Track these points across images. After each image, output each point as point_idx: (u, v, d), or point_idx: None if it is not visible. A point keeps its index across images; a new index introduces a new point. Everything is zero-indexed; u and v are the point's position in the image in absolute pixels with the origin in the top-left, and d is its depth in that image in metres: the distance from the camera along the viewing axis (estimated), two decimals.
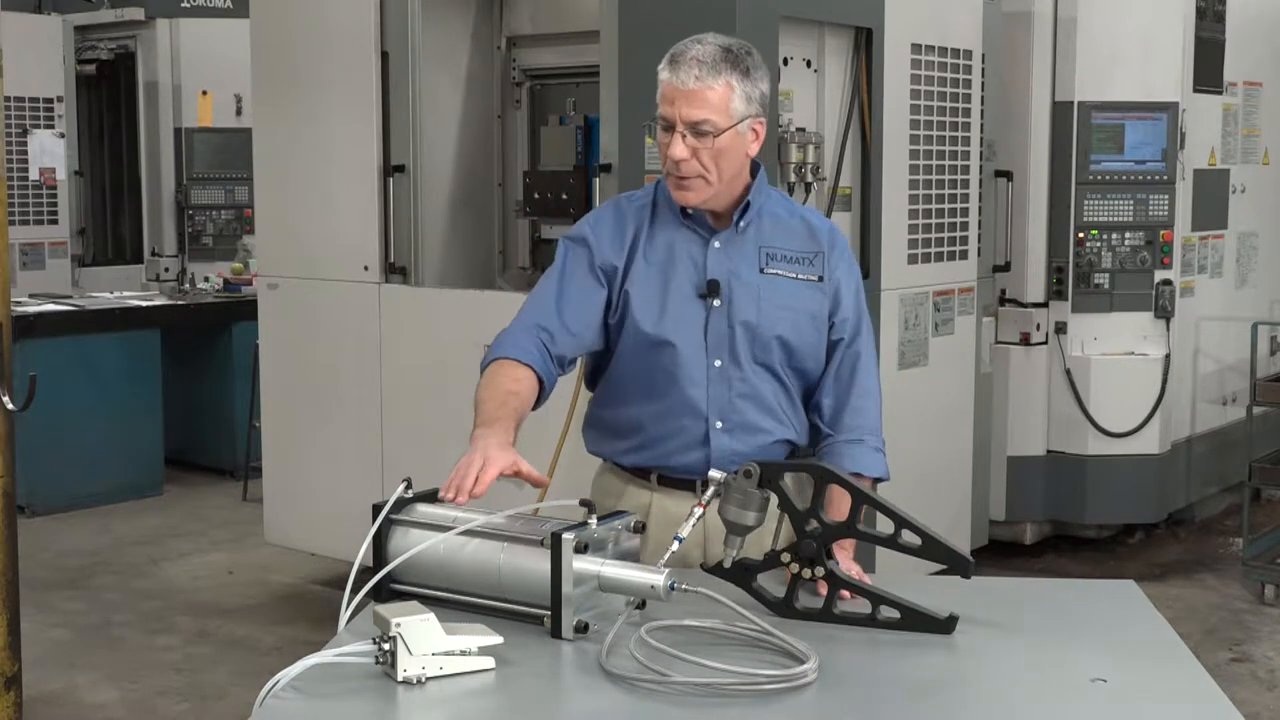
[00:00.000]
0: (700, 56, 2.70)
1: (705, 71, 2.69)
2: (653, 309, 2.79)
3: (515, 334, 2.78)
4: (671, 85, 2.71)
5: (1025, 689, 2.24)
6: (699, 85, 2.69)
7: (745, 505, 2.44)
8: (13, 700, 4.29)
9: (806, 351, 2.86)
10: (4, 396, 4.12)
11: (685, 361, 2.79)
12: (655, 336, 2.79)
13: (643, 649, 2.21)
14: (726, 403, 2.81)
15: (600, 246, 2.82)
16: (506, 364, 2.74)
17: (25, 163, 9.60)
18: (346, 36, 5.68)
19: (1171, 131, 6.65)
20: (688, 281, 2.80)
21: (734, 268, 2.81)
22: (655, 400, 2.81)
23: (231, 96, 9.61)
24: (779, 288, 2.82)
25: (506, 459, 2.50)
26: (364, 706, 2.12)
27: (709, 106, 2.69)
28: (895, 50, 5.36)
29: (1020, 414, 6.70)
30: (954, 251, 5.82)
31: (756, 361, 2.82)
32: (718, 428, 2.81)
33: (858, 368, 2.90)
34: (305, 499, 5.97)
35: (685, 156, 2.70)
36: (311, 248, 5.88)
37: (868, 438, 2.88)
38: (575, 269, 2.83)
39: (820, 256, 2.87)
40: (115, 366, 7.85)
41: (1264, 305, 7.71)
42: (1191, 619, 5.94)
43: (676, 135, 2.70)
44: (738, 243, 2.83)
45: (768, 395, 2.84)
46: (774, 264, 2.84)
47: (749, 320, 2.80)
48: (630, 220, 2.85)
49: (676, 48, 2.74)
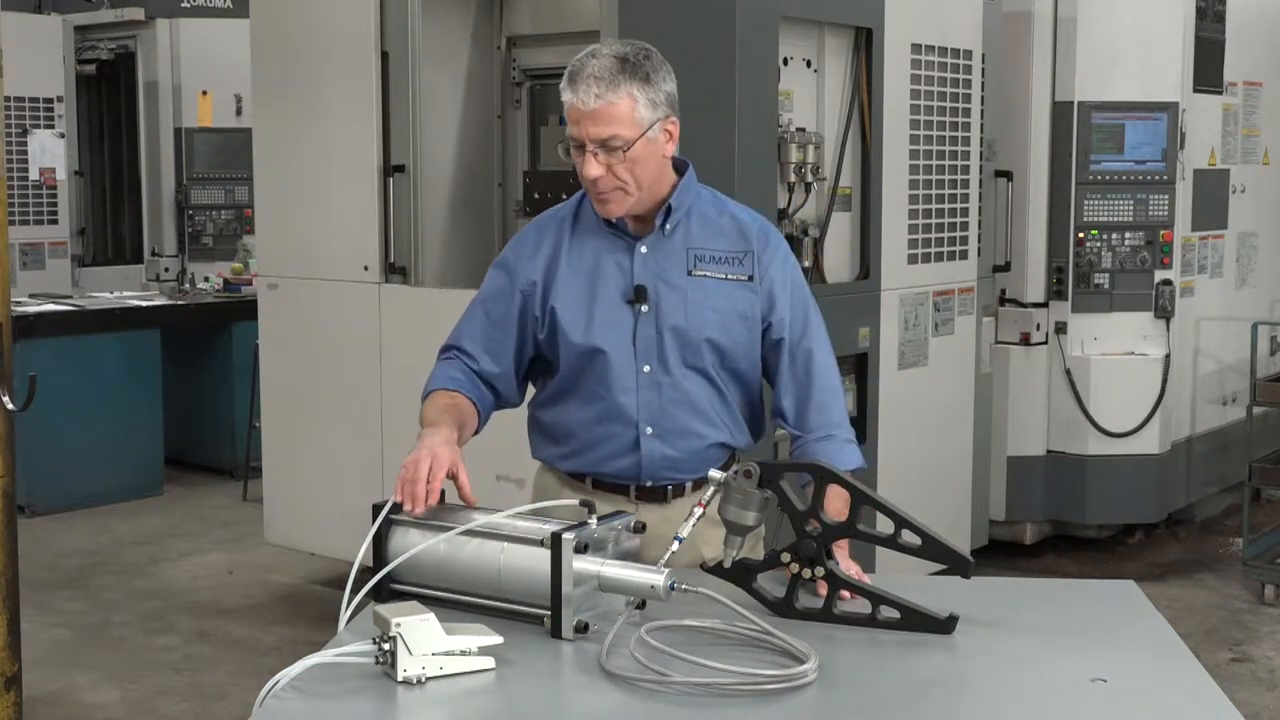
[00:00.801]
0: (597, 72, 2.67)
1: (604, 88, 2.66)
2: (580, 319, 2.80)
3: (440, 368, 2.90)
4: (574, 106, 2.68)
5: (1025, 689, 2.24)
6: (600, 103, 2.66)
7: (745, 505, 2.44)
8: (13, 700, 4.29)
9: (739, 353, 2.84)
10: (4, 396, 4.12)
11: (615, 368, 2.79)
12: (584, 345, 2.79)
13: (643, 649, 2.21)
14: (657, 408, 2.80)
15: (519, 266, 2.86)
16: (435, 395, 2.84)
17: (25, 163, 9.60)
18: (346, 36, 5.68)
19: (1171, 131, 6.65)
20: (615, 289, 2.80)
21: (661, 272, 2.80)
22: (586, 406, 2.82)
23: (231, 96, 9.61)
24: (707, 289, 2.81)
25: (452, 455, 2.59)
26: (364, 706, 2.12)
27: (615, 122, 2.67)
28: (895, 50, 5.36)
29: (1020, 414, 6.70)
30: (954, 251, 5.82)
31: (687, 365, 2.81)
32: (648, 433, 2.81)
33: (813, 364, 2.87)
34: (305, 499, 5.96)
35: (600, 174, 2.69)
36: (311, 248, 5.88)
37: (836, 432, 2.87)
38: (493, 291, 2.89)
39: (750, 255, 2.84)
40: (115, 366, 7.85)
41: (1264, 305, 7.71)
42: (1191, 619, 5.94)
43: (588, 154, 2.69)
44: (665, 246, 2.82)
45: (700, 399, 2.83)
46: (702, 265, 2.82)
47: (677, 325, 2.79)
48: (549, 234, 2.86)
49: (574, 65, 2.71)
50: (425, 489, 2.51)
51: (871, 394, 5.32)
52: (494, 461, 5.14)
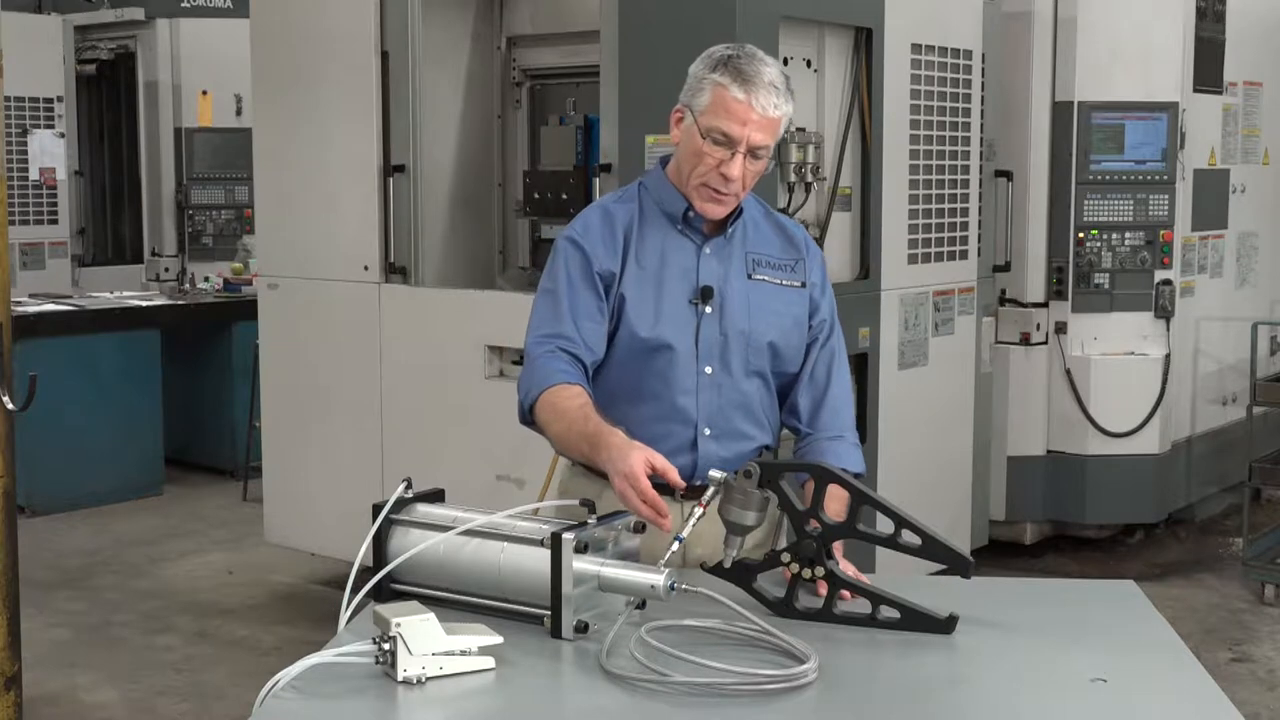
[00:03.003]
0: (774, 81, 2.67)
1: (780, 99, 2.67)
2: (648, 313, 2.78)
3: (544, 362, 2.73)
4: (744, 106, 2.65)
5: (1025, 689, 2.24)
6: (777, 113, 2.67)
7: (745, 505, 2.44)
8: (13, 700, 4.29)
9: (789, 356, 2.87)
10: (4, 396, 4.12)
11: (679, 367, 2.77)
12: (652, 340, 2.77)
13: (643, 649, 2.21)
14: (716, 410, 2.80)
15: (595, 253, 2.78)
16: (553, 391, 2.69)
17: (25, 163, 9.60)
18: (346, 36, 5.68)
19: (1171, 131, 6.65)
20: (680, 288, 2.79)
21: (724, 274, 2.81)
22: (643, 405, 2.79)
23: (231, 96, 9.61)
24: (766, 293, 2.83)
25: (648, 454, 2.48)
26: (364, 706, 2.12)
27: (774, 132, 2.70)
28: (895, 50, 5.36)
29: (1020, 414, 6.70)
30: (954, 251, 5.82)
31: (750, 370, 2.82)
32: (706, 434, 2.80)
33: (833, 366, 2.90)
34: (305, 499, 5.96)
35: (739, 175, 2.69)
36: (311, 248, 5.88)
37: (846, 434, 2.89)
38: (577, 278, 2.77)
39: (801, 263, 2.88)
40: (115, 366, 7.85)
41: (1264, 305, 7.71)
42: (1191, 619, 5.94)
43: (738, 156, 2.67)
44: (726, 249, 2.83)
45: (754, 402, 2.84)
46: (760, 270, 2.84)
47: (744, 328, 2.80)
48: (619, 224, 2.82)
49: (741, 63, 2.66)
50: (652, 499, 2.43)
51: (871, 394, 5.32)
52: (494, 461, 5.15)
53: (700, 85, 2.70)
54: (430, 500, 2.61)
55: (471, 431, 5.27)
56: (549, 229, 5.73)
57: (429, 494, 2.62)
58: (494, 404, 5.14)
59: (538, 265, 5.90)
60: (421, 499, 2.60)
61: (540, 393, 2.70)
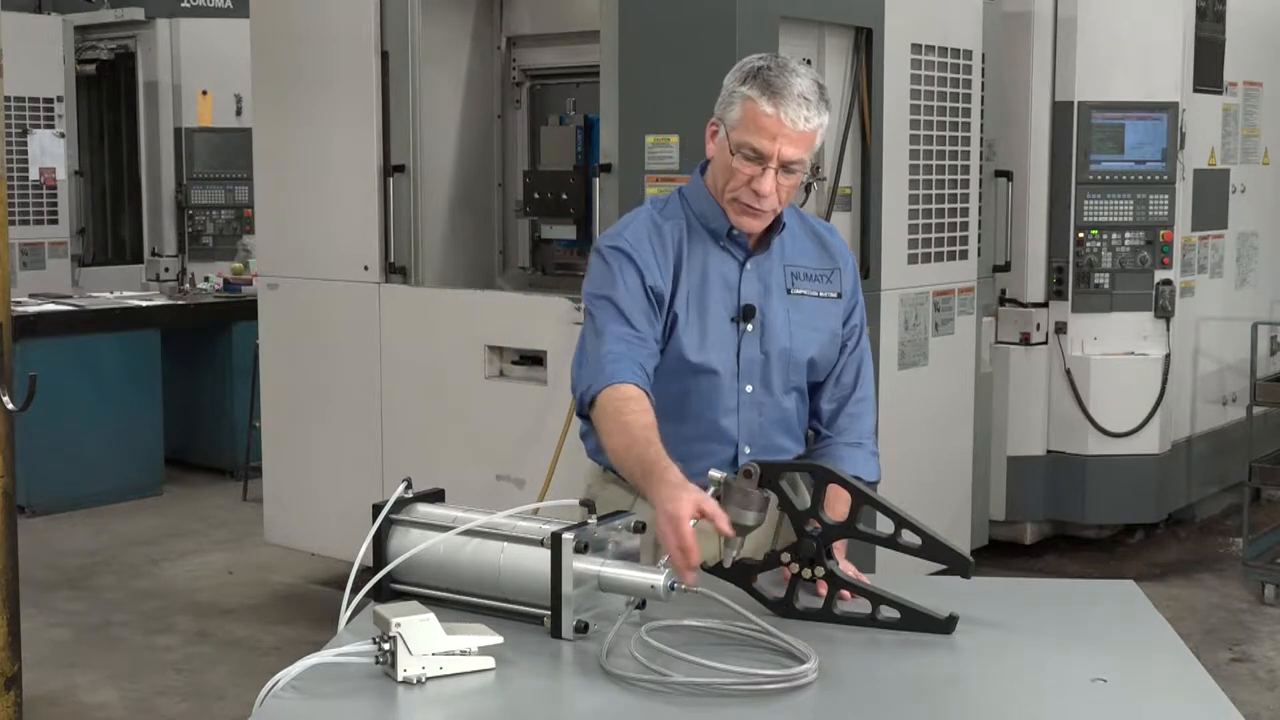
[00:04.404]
0: (806, 94, 2.59)
1: (812, 112, 2.60)
2: (695, 335, 2.73)
3: (610, 359, 2.62)
4: (775, 120, 2.58)
5: (1025, 689, 2.24)
6: (808, 127, 2.60)
7: (745, 505, 2.44)
8: (13, 700, 4.29)
9: (824, 367, 2.85)
10: (4, 396, 4.11)
11: (722, 389, 2.74)
12: (699, 364, 2.72)
13: (643, 649, 2.21)
14: (757, 428, 2.78)
15: (648, 267, 2.69)
16: (621, 391, 2.59)
17: (25, 163, 9.60)
18: (346, 36, 5.68)
19: (1171, 131, 6.65)
20: (722, 305, 2.74)
21: (765, 291, 2.76)
22: (683, 423, 2.73)
23: (231, 96, 9.60)
24: (805, 309, 2.79)
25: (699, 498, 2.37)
26: (364, 706, 2.12)
27: (808, 147, 2.64)
28: (895, 50, 5.36)
29: (1020, 414, 6.70)
30: (954, 251, 5.82)
31: (788, 385, 2.79)
32: (746, 453, 2.77)
33: (860, 371, 2.89)
34: (305, 499, 5.96)
35: (772, 191, 2.63)
36: (311, 248, 5.88)
37: (865, 442, 2.88)
38: (632, 286, 2.68)
39: (838, 274, 2.85)
40: (115, 366, 7.85)
41: (1264, 305, 7.71)
42: (1191, 619, 5.94)
43: (769, 171, 2.62)
44: (766, 264, 2.78)
45: (792, 416, 2.83)
46: (799, 284, 2.80)
47: (785, 347, 2.77)
48: (670, 242, 2.74)
49: (771, 75, 2.60)
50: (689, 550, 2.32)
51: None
52: (494, 461, 5.15)
53: (731, 99, 2.65)
54: (430, 500, 2.61)
55: (471, 431, 5.27)
56: (549, 229, 5.72)
57: (429, 494, 2.62)
58: (494, 404, 5.15)
59: (538, 265, 5.90)
60: (421, 499, 2.59)
61: (611, 385, 2.60)
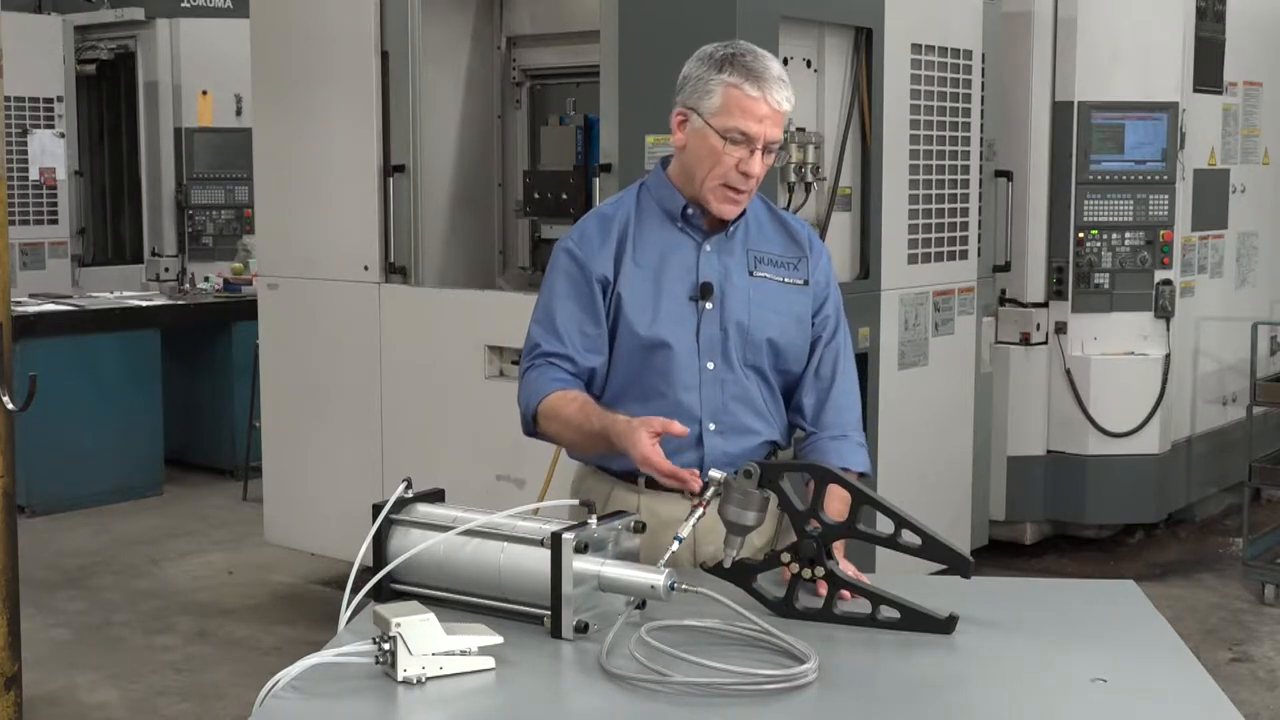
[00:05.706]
0: (781, 76, 2.70)
1: (790, 92, 2.71)
2: (645, 311, 2.78)
3: (537, 374, 2.80)
4: (759, 102, 2.67)
5: (1025, 689, 2.24)
6: (789, 106, 2.71)
7: (745, 505, 2.44)
8: (13, 700, 4.29)
9: (792, 354, 2.86)
10: (4, 396, 4.12)
11: (678, 364, 2.78)
12: (650, 338, 2.77)
13: (643, 649, 2.21)
14: (720, 405, 2.80)
15: (591, 259, 2.80)
16: (549, 402, 2.76)
17: (25, 163, 9.60)
18: (346, 36, 5.68)
19: (1171, 131, 6.65)
20: (679, 284, 2.80)
21: (725, 271, 2.81)
22: (647, 404, 2.77)
23: (231, 96, 9.61)
24: (768, 291, 2.83)
25: (646, 435, 2.56)
26: (364, 706, 2.12)
27: (783, 126, 2.74)
28: (895, 50, 5.36)
29: (1020, 414, 6.70)
30: (954, 251, 5.82)
31: (747, 364, 2.82)
32: (710, 430, 2.80)
33: (838, 364, 2.90)
34: (305, 499, 5.96)
35: (762, 172, 2.73)
36: (311, 248, 5.88)
37: (851, 433, 2.88)
38: (568, 288, 2.80)
39: (804, 261, 2.88)
40: (115, 366, 7.85)
41: (1264, 305, 7.71)
42: (1191, 619, 5.94)
43: (757, 153, 2.70)
44: (728, 247, 2.83)
45: (756, 397, 2.84)
46: (761, 267, 2.84)
47: (742, 322, 2.80)
48: (614, 227, 2.83)
49: (748, 61, 2.69)
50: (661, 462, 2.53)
51: (871, 394, 5.31)
52: (494, 461, 5.15)
53: (707, 87, 2.70)
54: (430, 500, 2.61)
55: (471, 431, 5.27)
56: (549, 229, 5.73)
57: (429, 494, 2.62)
58: (494, 404, 5.14)
59: (538, 265, 5.90)
60: (421, 499, 2.60)
61: (538, 403, 2.77)
